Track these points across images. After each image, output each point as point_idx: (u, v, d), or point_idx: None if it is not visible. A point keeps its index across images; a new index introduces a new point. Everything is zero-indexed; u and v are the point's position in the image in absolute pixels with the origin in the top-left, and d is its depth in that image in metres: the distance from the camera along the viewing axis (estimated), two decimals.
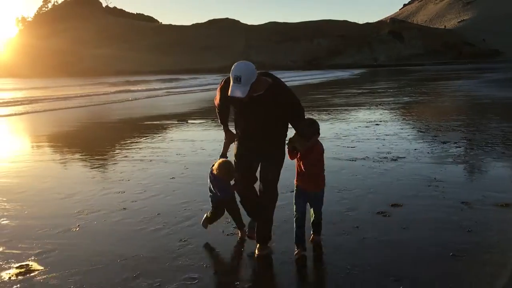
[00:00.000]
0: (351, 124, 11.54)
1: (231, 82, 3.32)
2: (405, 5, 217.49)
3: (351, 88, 30.20)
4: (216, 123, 9.14)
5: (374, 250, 3.68)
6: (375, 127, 10.72)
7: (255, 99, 3.40)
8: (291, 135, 3.52)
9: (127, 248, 3.87)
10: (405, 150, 7.78)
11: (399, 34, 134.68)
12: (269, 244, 3.73)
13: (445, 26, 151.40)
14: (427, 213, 4.51)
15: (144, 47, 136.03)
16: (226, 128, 3.86)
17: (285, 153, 3.56)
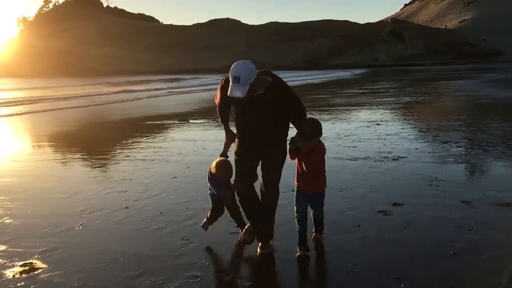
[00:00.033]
0: (352, 124, 11.55)
1: (230, 82, 3.28)
2: (406, 5, 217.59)
3: (352, 88, 30.18)
4: (217, 123, 9.14)
5: (375, 248, 3.70)
6: (376, 127, 10.73)
7: (255, 99, 3.37)
8: (291, 135, 3.52)
9: (130, 246, 3.89)
10: (406, 149, 7.79)
11: (400, 34, 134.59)
12: (271, 242, 3.75)
13: (446, 26, 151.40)
14: (428, 212, 4.52)
15: (145, 47, 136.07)
16: (226, 128, 3.85)
17: (286, 153, 3.54)
